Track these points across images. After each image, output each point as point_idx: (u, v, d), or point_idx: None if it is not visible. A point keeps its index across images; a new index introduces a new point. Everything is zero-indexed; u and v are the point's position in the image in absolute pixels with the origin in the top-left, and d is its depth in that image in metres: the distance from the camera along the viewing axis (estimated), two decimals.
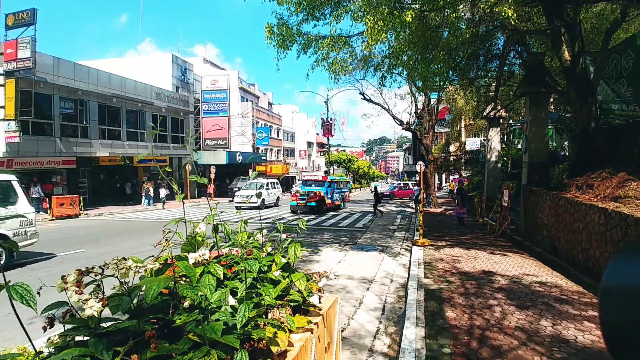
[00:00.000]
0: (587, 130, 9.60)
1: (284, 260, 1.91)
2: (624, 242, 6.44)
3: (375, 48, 13.52)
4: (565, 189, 9.04)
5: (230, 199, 32.56)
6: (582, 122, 9.67)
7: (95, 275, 1.42)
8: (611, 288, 0.59)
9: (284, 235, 2.17)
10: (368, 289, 6.99)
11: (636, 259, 0.59)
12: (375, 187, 24.05)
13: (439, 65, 11.50)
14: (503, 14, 7.23)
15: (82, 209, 20.14)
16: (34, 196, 19.84)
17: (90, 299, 1.33)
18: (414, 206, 24.17)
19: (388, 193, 39.18)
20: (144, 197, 25.78)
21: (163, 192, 25.25)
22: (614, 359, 0.57)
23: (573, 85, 9.71)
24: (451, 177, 46.20)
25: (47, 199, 19.43)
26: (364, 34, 8.90)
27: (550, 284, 6.68)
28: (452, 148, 38.83)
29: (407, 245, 11.36)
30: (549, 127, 15.61)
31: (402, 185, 43.22)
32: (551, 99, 17.38)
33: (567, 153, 21.26)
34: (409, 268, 8.02)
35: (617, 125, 11.68)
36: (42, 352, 1.37)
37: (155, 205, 25.68)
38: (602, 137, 9.78)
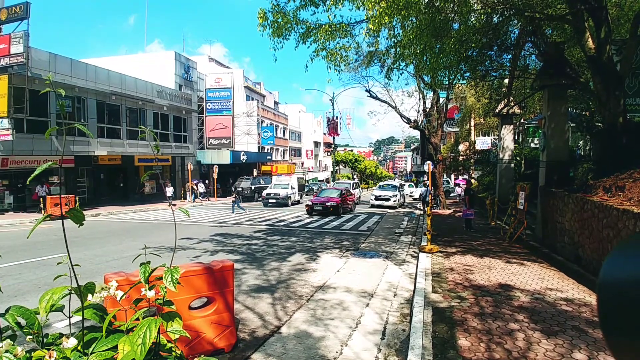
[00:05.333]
0: (615, 125, 8.64)
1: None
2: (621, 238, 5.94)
3: (379, 40, 12.68)
4: (590, 191, 8.09)
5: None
6: (608, 116, 8.71)
7: None
8: (609, 282, 0.59)
9: (151, 293, 1.24)
10: (368, 304, 6.14)
11: (634, 253, 0.58)
12: (235, 186, 23.69)
13: (450, 57, 10.61)
14: None
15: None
16: (39, 194, 19.94)
17: None
18: (421, 207, 23.26)
19: (325, 203, 19.85)
20: (189, 194, 29.29)
21: (170, 191, 25.63)
22: (612, 355, 0.57)
23: (599, 75, 8.76)
24: (458, 178, 44.86)
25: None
26: (366, 18, 8.06)
27: (578, 301, 5.78)
28: (461, 147, 37.70)
29: (414, 251, 10.48)
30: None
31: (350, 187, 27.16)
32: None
33: (583, 152, 20.20)
34: (415, 279, 7.16)
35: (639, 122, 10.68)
36: None
37: (199, 200, 29.53)
38: (631, 134, 8.81)
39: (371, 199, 26.42)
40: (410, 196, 36.16)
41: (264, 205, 26.75)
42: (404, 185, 36.81)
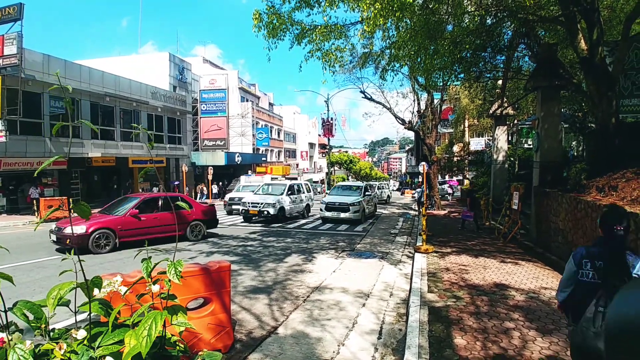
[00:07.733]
0: (607, 126, 8.74)
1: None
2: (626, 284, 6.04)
3: (374, 42, 12.72)
4: (584, 191, 8.18)
5: None
6: (601, 117, 8.81)
7: None
8: (617, 326, 0.60)
9: (155, 287, 1.26)
10: (364, 304, 6.16)
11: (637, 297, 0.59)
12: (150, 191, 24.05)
13: (444, 58, 10.67)
14: None
15: (71, 211, 19.42)
16: (32, 197, 19.70)
17: None
18: (416, 208, 23.36)
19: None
20: (198, 195, 30.92)
21: (155, 191, 25.78)
22: None
23: (591, 77, 8.86)
24: (452, 178, 44.99)
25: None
26: (360, 20, 8.10)
27: None
28: (455, 149, 37.89)
29: (410, 252, 10.52)
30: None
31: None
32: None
33: (576, 153, 20.38)
34: (411, 279, 7.19)
35: (632, 123, 10.81)
36: None
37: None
38: (624, 134, 8.92)
39: (321, 209, 17.55)
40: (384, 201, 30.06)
41: (227, 212, 20.77)
42: (373, 186, 28.35)
